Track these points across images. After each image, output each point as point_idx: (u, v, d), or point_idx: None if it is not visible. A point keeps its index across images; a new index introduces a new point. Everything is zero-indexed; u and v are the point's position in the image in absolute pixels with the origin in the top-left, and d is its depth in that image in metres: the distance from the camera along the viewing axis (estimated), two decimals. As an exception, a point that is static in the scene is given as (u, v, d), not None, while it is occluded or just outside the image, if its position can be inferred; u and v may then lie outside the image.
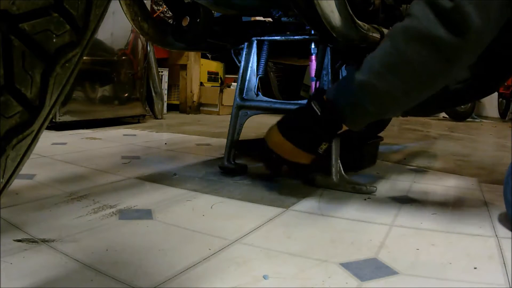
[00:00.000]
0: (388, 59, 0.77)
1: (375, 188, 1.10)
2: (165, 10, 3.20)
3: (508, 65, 0.99)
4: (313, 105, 0.85)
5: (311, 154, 0.88)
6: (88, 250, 0.67)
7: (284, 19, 1.29)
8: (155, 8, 3.23)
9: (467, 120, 4.33)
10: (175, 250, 0.69)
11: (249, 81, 1.33)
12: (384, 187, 1.17)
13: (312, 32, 1.23)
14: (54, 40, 0.38)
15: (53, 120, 2.15)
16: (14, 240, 0.69)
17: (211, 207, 0.93)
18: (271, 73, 1.95)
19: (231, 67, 4.13)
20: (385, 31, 1.17)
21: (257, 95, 1.31)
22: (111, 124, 2.50)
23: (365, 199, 1.05)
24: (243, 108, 1.31)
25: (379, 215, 0.92)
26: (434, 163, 1.60)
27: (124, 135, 2.13)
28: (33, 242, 0.69)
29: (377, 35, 1.11)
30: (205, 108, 3.79)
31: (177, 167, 1.36)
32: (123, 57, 2.60)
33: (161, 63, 3.41)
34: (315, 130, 0.86)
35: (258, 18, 1.53)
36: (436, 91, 0.79)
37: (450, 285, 0.60)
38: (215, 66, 4.09)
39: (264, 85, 1.81)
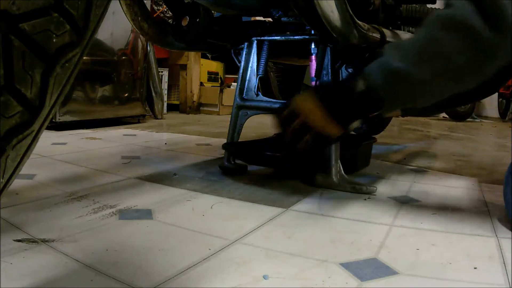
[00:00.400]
0: (423, 47, 0.75)
1: (375, 188, 1.10)
2: (165, 10, 3.20)
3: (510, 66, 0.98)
4: (352, 82, 0.82)
5: (341, 128, 0.84)
6: (88, 250, 0.67)
7: (284, 19, 1.29)
8: (155, 8, 3.23)
9: (467, 120, 4.33)
10: (175, 250, 0.69)
11: (249, 81, 1.33)
12: (384, 187, 1.17)
13: (312, 32, 1.23)
14: (54, 40, 0.38)
15: (53, 120, 2.15)
16: (14, 240, 0.69)
17: (211, 207, 0.93)
18: (271, 73, 1.95)
19: (231, 67, 4.13)
20: (385, 31, 1.17)
21: (257, 95, 1.31)
22: (111, 124, 2.50)
23: (365, 199, 1.05)
24: (243, 108, 1.31)
25: (379, 215, 0.92)
26: (434, 163, 1.60)
27: (124, 135, 2.13)
28: (33, 242, 0.69)
29: (377, 35, 1.11)
30: (205, 108, 3.79)
31: (177, 167, 1.36)
32: (123, 57, 2.59)
33: (161, 63, 3.41)
34: (354, 105, 0.82)
35: (258, 18, 1.53)
36: (466, 89, 0.77)
37: (450, 285, 0.60)
38: (215, 66, 4.09)
39: (264, 85, 1.81)
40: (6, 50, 0.34)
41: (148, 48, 2.87)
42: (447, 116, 4.41)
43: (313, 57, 1.22)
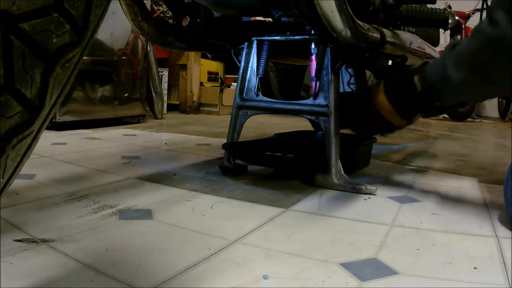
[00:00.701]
0: (474, 60, 0.86)
1: (375, 188, 1.10)
2: (165, 10, 3.20)
3: None
4: (415, 80, 0.98)
5: (405, 120, 1.03)
6: (88, 250, 0.67)
7: (284, 19, 1.29)
8: (155, 8, 3.23)
9: (467, 120, 4.33)
10: (175, 250, 0.69)
11: (249, 81, 1.33)
12: (384, 187, 1.17)
13: (312, 32, 1.23)
14: (54, 40, 0.38)
15: (53, 120, 2.15)
16: (14, 240, 0.69)
17: (211, 207, 0.93)
18: (271, 73, 1.95)
19: (231, 67, 4.13)
20: (385, 31, 1.17)
21: (257, 95, 1.31)
22: (111, 124, 2.50)
23: (365, 199, 1.05)
24: (243, 108, 1.31)
25: (379, 215, 0.92)
26: (434, 163, 1.60)
27: (124, 135, 2.13)
28: (33, 242, 0.69)
29: (377, 35, 1.11)
30: (205, 108, 3.79)
31: (177, 167, 1.36)
32: (123, 57, 2.59)
33: (161, 63, 3.41)
34: (416, 103, 0.99)
35: (258, 18, 1.53)
36: (503, 93, 0.98)
37: (450, 285, 0.60)
38: (215, 66, 4.09)
39: (264, 85, 1.81)
40: (6, 50, 0.34)
41: (148, 48, 2.87)
42: (447, 116, 4.40)
43: (313, 57, 1.22)
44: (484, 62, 0.85)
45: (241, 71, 1.33)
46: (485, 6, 2.04)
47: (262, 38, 1.32)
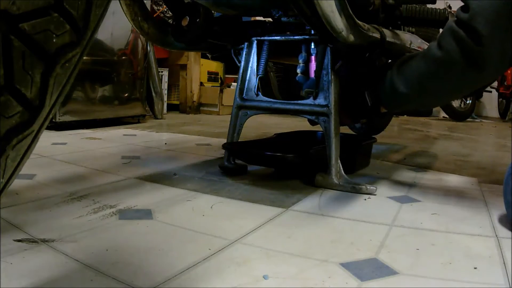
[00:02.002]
0: (422, 79, 1.00)
1: (375, 188, 1.10)
2: (165, 10, 3.20)
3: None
4: (366, 95, 1.17)
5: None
6: (88, 250, 0.67)
7: (284, 19, 1.29)
8: (155, 8, 3.23)
9: (467, 120, 4.33)
10: (175, 250, 0.69)
11: (249, 81, 1.33)
12: (384, 187, 1.17)
13: (312, 32, 1.23)
14: (54, 40, 0.38)
15: (53, 120, 2.15)
16: (14, 240, 0.69)
17: (211, 207, 0.93)
18: (271, 73, 1.95)
19: (231, 67, 4.12)
20: (385, 31, 1.17)
21: (257, 95, 1.31)
22: (111, 124, 2.50)
23: (365, 199, 1.05)
24: (243, 108, 1.31)
25: (379, 215, 0.92)
26: (434, 163, 1.60)
27: (124, 135, 2.13)
28: (33, 242, 0.69)
29: (377, 35, 1.11)
30: (205, 108, 3.79)
31: (177, 167, 1.36)
32: (123, 57, 2.60)
33: (161, 63, 3.41)
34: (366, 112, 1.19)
35: (258, 18, 1.53)
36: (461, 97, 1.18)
37: (450, 285, 0.60)
38: (215, 66, 4.09)
39: (264, 85, 1.81)
40: (6, 50, 0.34)
41: (148, 48, 2.87)
42: (447, 116, 4.40)
43: (313, 57, 1.22)
44: (430, 80, 0.98)
45: (241, 71, 1.33)
46: None
47: (262, 38, 1.32)
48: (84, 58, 0.43)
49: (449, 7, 1.39)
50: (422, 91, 1.02)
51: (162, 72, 3.43)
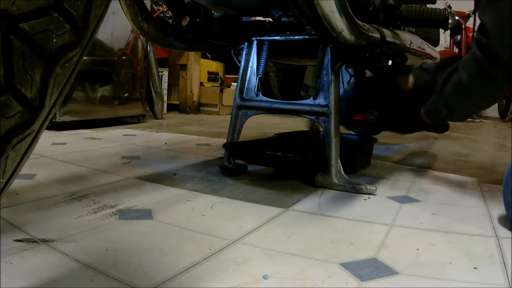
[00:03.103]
0: (457, 94, 1.08)
1: (375, 188, 1.10)
2: (165, 10, 3.20)
3: None
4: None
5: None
6: (88, 250, 0.67)
7: (284, 19, 1.29)
8: (155, 8, 3.23)
9: (467, 120, 4.33)
10: (175, 250, 0.69)
11: (249, 81, 1.33)
12: (384, 187, 1.17)
13: (312, 32, 1.23)
14: (54, 40, 0.38)
15: (53, 120, 2.15)
16: (14, 240, 0.69)
17: (211, 207, 0.93)
18: (271, 73, 1.95)
19: (231, 67, 4.12)
20: (385, 31, 1.17)
21: (257, 95, 1.31)
22: (111, 124, 2.50)
23: (365, 199, 1.05)
24: (243, 108, 1.31)
25: (379, 215, 0.92)
26: (434, 163, 1.60)
27: (124, 135, 2.13)
28: (33, 242, 0.69)
29: (377, 35, 1.11)
30: (205, 108, 3.79)
31: (177, 167, 1.36)
32: (123, 57, 2.59)
33: (161, 63, 3.41)
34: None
35: (258, 18, 1.53)
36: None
37: (450, 285, 0.60)
38: (215, 66, 4.09)
39: (264, 85, 1.81)
40: (6, 50, 0.34)
41: (148, 48, 2.87)
42: (447, 116, 4.39)
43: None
44: (461, 101, 1.07)
45: (241, 71, 1.33)
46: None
47: (262, 38, 1.32)
48: (84, 58, 0.43)
49: (449, 7, 1.39)
50: (458, 110, 1.12)
51: (162, 72, 3.43)
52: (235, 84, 1.65)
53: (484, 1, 0.95)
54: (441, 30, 1.80)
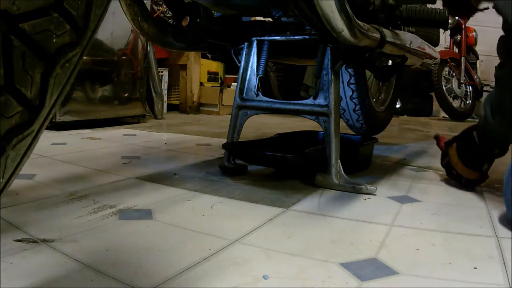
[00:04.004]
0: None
1: (375, 188, 1.10)
2: (165, 10, 3.20)
3: None
4: (474, 135, 1.17)
5: (477, 172, 1.17)
6: (88, 250, 0.67)
7: (284, 19, 1.29)
8: (155, 8, 3.23)
9: (467, 120, 4.33)
10: (175, 250, 0.69)
11: (249, 81, 1.33)
12: (384, 187, 1.17)
13: (312, 32, 1.23)
14: (54, 40, 0.38)
15: (53, 120, 2.15)
16: (14, 240, 0.69)
17: (211, 207, 0.93)
18: (271, 73, 1.95)
19: (231, 67, 4.12)
20: (385, 31, 1.17)
21: (257, 95, 1.31)
22: (111, 124, 2.50)
23: (365, 199, 1.05)
24: (243, 108, 1.31)
25: (379, 215, 0.92)
26: (434, 163, 1.60)
27: (124, 135, 2.13)
28: (33, 242, 0.69)
29: (377, 35, 1.11)
30: (205, 108, 3.79)
31: (177, 167, 1.36)
32: (123, 57, 2.59)
33: (161, 63, 3.41)
34: (478, 154, 1.16)
35: (258, 18, 1.53)
36: None
37: (450, 285, 0.60)
38: (215, 66, 4.09)
39: (264, 85, 1.81)
40: (6, 50, 0.34)
41: (148, 48, 2.87)
42: (447, 116, 4.41)
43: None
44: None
45: (241, 71, 1.33)
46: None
47: (262, 38, 1.32)
48: (84, 58, 0.43)
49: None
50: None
51: (162, 72, 3.43)
52: (235, 84, 1.65)
53: None
54: (441, 30, 1.80)
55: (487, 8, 1.52)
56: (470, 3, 1.23)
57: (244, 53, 1.34)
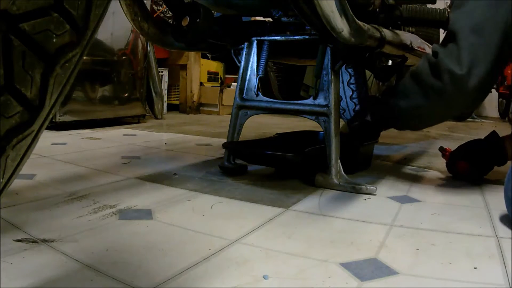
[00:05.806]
0: (409, 98, 1.23)
1: (375, 188, 1.10)
2: (165, 10, 3.20)
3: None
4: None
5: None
6: (88, 250, 0.67)
7: (284, 19, 1.29)
8: (155, 8, 3.23)
9: (467, 120, 4.33)
10: (175, 250, 0.69)
11: (249, 81, 1.33)
12: (384, 187, 1.17)
13: (312, 32, 1.23)
14: (54, 40, 0.38)
15: (53, 120, 2.15)
16: (14, 240, 0.69)
17: (211, 207, 0.93)
18: (271, 73, 1.95)
19: (231, 67, 4.12)
20: (385, 31, 1.17)
21: (257, 95, 1.31)
22: (111, 124, 2.50)
23: (365, 199, 1.05)
24: (243, 108, 1.31)
25: (379, 215, 0.92)
26: (434, 163, 1.60)
27: (124, 135, 2.13)
28: (33, 242, 0.69)
29: (377, 35, 1.11)
30: (205, 108, 3.79)
31: (177, 167, 1.36)
32: (123, 57, 2.59)
33: (161, 63, 3.41)
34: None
35: (258, 18, 1.53)
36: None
37: (450, 285, 0.60)
38: (215, 66, 4.09)
39: (264, 85, 1.81)
40: (6, 50, 0.34)
41: (148, 48, 2.87)
42: (447, 116, 4.39)
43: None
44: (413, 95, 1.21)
45: (241, 71, 1.33)
46: None
47: (262, 38, 1.32)
48: (84, 58, 0.43)
49: (449, 7, 1.39)
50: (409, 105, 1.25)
51: (162, 72, 3.43)
52: (235, 84, 1.65)
53: None
54: (441, 30, 1.80)
55: None
56: None
57: (244, 53, 1.34)
